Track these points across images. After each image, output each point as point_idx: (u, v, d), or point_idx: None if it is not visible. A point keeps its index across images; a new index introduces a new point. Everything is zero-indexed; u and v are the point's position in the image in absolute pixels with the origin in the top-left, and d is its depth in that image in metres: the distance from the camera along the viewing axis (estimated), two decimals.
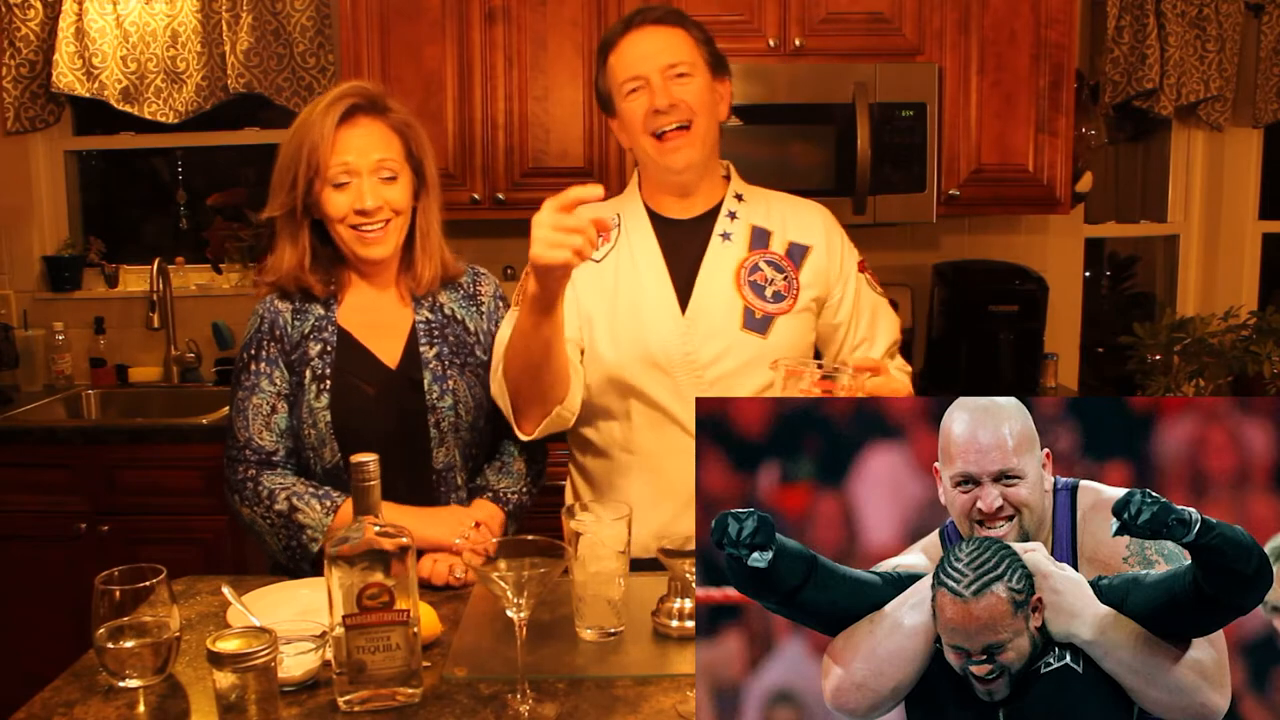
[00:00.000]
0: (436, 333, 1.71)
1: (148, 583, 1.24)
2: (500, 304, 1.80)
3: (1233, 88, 3.45)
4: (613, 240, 1.80)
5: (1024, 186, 3.00)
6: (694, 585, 1.18)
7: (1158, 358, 3.28)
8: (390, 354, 1.69)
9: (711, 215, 1.78)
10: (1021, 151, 2.98)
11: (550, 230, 1.38)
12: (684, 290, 1.74)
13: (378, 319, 1.70)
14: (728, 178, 1.84)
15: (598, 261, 1.78)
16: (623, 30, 1.73)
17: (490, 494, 1.72)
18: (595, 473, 1.81)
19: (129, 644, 1.22)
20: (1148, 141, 3.75)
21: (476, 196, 2.98)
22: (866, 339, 1.82)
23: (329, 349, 1.66)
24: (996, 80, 2.95)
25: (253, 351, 1.67)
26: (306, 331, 1.67)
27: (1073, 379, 3.49)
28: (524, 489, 1.77)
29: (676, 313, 1.72)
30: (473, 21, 2.92)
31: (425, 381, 1.67)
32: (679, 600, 1.38)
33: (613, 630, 1.38)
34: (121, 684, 1.23)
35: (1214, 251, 3.66)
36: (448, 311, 1.74)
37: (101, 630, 1.22)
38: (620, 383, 1.75)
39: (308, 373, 1.64)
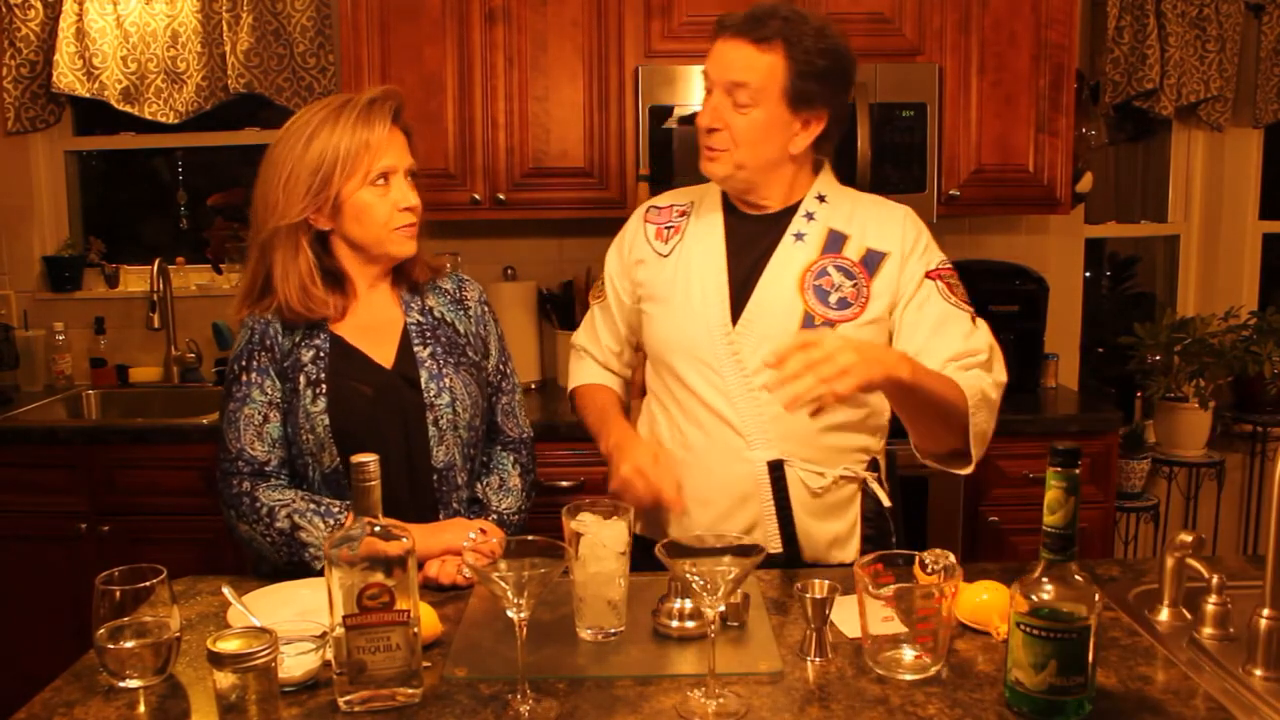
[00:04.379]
0: (429, 333, 1.72)
1: (148, 583, 1.24)
2: (486, 309, 1.81)
3: (1233, 88, 3.45)
4: (681, 232, 1.79)
5: (1024, 186, 3.00)
6: (694, 586, 1.18)
7: (1158, 358, 3.28)
8: (384, 355, 1.69)
9: (789, 213, 1.73)
10: (1022, 151, 2.98)
11: (619, 485, 1.66)
12: (745, 288, 1.69)
13: (369, 322, 1.70)
14: (818, 172, 1.78)
15: (664, 256, 1.78)
16: (727, 26, 1.65)
17: (494, 516, 1.72)
18: None
19: (129, 644, 1.22)
20: (1148, 141, 3.75)
21: (477, 196, 2.98)
22: (925, 350, 1.65)
23: (322, 354, 1.65)
24: (997, 80, 2.95)
25: (244, 363, 1.66)
26: (298, 339, 1.66)
27: (1073, 379, 3.49)
28: (523, 506, 1.79)
29: (726, 314, 1.69)
30: (473, 22, 2.92)
31: (422, 380, 1.67)
32: (679, 600, 1.39)
33: (613, 630, 1.38)
34: (122, 684, 1.23)
35: (1214, 251, 3.66)
36: (437, 314, 1.75)
37: (102, 630, 1.23)
38: (676, 379, 1.75)
39: (302, 378, 1.63)
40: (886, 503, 1.75)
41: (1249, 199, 3.62)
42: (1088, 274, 3.60)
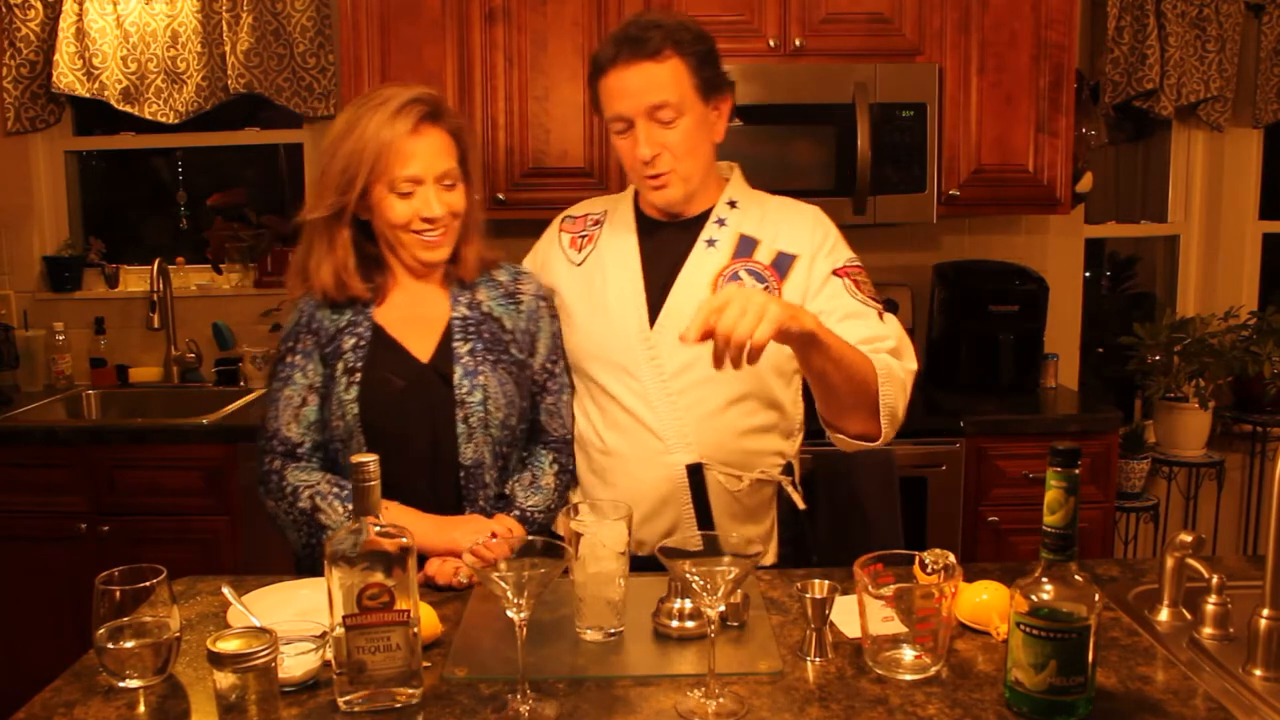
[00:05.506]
0: (472, 329, 1.72)
1: (148, 583, 1.24)
2: (541, 304, 1.80)
3: (1233, 88, 3.45)
4: (594, 240, 1.82)
5: (1024, 186, 2.99)
6: (694, 586, 1.18)
7: (1158, 358, 3.28)
8: (423, 349, 1.69)
9: (700, 220, 1.77)
10: (1021, 151, 2.98)
11: None
12: (659, 295, 1.72)
13: (414, 314, 1.72)
14: (728, 180, 1.82)
15: (578, 265, 1.82)
16: (611, 58, 1.66)
17: (517, 512, 1.71)
18: (581, 468, 1.82)
19: (129, 644, 1.22)
20: (1148, 141, 3.75)
21: (476, 197, 2.97)
22: None
23: (362, 343, 1.68)
24: (996, 80, 2.95)
25: (290, 344, 1.70)
26: (342, 325, 1.69)
27: (1073, 379, 3.49)
28: (553, 505, 1.77)
29: (644, 320, 1.72)
30: (473, 21, 2.92)
31: (455, 376, 1.67)
32: (679, 600, 1.38)
33: (613, 630, 1.38)
34: (122, 684, 1.23)
35: (1214, 251, 3.66)
36: (485, 309, 1.74)
37: (101, 630, 1.22)
38: (594, 384, 1.77)
39: (339, 365, 1.66)
40: (801, 505, 1.77)
41: (1249, 199, 3.62)
42: (1088, 274, 3.60)
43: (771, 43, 2.90)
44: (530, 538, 1.26)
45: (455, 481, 1.68)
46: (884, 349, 1.63)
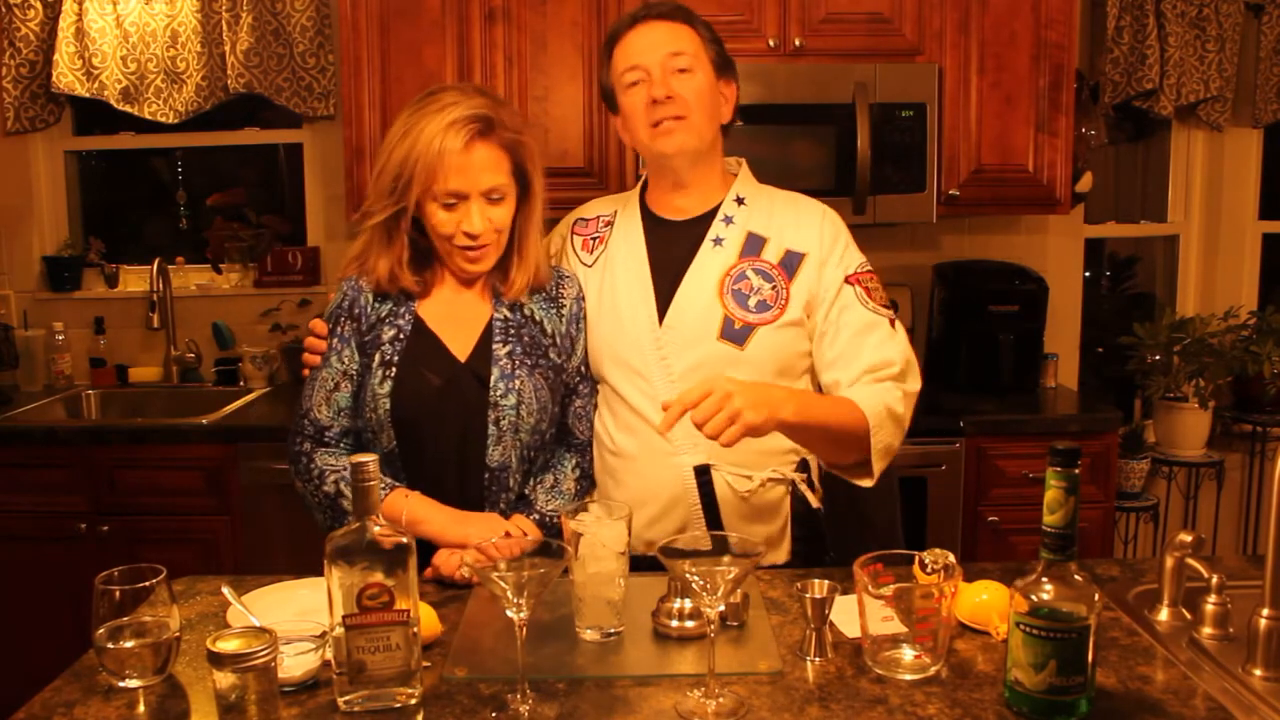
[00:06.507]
0: (512, 331, 1.71)
1: (148, 583, 1.24)
2: (580, 305, 1.79)
3: (1233, 88, 3.45)
4: (605, 241, 1.82)
5: (1024, 186, 3.00)
6: (694, 586, 1.18)
7: (1158, 358, 3.28)
8: (462, 347, 1.69)
9: (708, 218, 1.76)
10: (1021, 151, 2.98)
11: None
12: (668, 295, 1.72)
13: (456, 312, 1.72)
14: (735, 175, 1.81)
15: (589, 267, 1.81)
16: (629, 24, 1.73)
17: (536, 516, 1.70)
18: (595, 468, 1.81)
19: (129, 644, 1.22)
20: (1148, 141, 3.75)
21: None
22: (842, 358, 1.68)
23: (402, 336, 1.68)
24: (996, 80, 2.95)
25: (330, 325, 1.72)
26: (384, 315, 1.70)
27: (1073, 379, 3.49)
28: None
29: (653, 319, 1.71)
30: (473, 21, 2.92)
31: (491, 378, 1.67)
32: (679, 600, 1.38)
33: (613, 630, 1.38)
34: (121, 684, 1.23)
35: (1214, 251, 3.66)
36: (527, 312, 1.74)
37: (101, 630, 1.23)
38: (606, 384, 1.77)
39: (376, 356, 1.67)
40: (815, 504, 1.76)
41: (1249, 199, 3.62)
42: (1087, 274, 3.60)
43: (771, 43, 2.90)
44: (531, 537, 1.26)
45: (479, 482, 1.68)
46: (889, 376, 1.65)
